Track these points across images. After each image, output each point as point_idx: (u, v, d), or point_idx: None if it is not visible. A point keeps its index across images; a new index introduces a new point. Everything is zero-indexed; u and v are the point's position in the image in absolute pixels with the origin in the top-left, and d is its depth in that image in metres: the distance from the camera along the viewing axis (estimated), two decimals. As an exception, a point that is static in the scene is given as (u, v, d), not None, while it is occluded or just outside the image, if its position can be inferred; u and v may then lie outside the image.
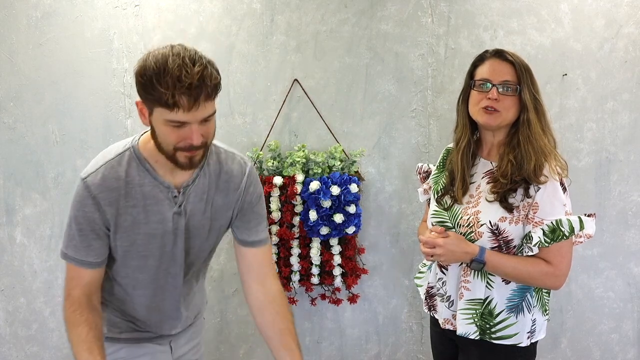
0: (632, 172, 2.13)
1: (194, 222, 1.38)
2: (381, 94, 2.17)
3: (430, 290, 1.66)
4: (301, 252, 2.15)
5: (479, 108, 1.50)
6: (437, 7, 2.12)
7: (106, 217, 1.30)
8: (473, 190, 1.55)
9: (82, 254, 1.32)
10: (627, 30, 2.07)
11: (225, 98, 2.21)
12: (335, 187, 2.05)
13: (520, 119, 1.48)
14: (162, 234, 1.35)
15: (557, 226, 1.43)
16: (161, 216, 1.33)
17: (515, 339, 1.51)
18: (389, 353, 2.32)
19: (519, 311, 1.51)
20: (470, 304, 1.52)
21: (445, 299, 1.59)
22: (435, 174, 1.70)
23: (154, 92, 1.14)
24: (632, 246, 2.16)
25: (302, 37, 2.16)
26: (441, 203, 1.59)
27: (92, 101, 2.23)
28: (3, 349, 2.39)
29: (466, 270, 1.52)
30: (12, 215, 2.32)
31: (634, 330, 2.22)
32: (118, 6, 2.19)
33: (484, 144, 1.58)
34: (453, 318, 1.57)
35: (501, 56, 1.51)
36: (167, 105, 1.14)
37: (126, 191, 1.30)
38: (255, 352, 2.35)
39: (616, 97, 2.11)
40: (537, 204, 1.44)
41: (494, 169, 1.53)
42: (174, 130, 1.19)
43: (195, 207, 1.36)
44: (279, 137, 2.20)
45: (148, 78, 1.14)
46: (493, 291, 1.51)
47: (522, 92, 1.47)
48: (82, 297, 1.33)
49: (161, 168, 1.31)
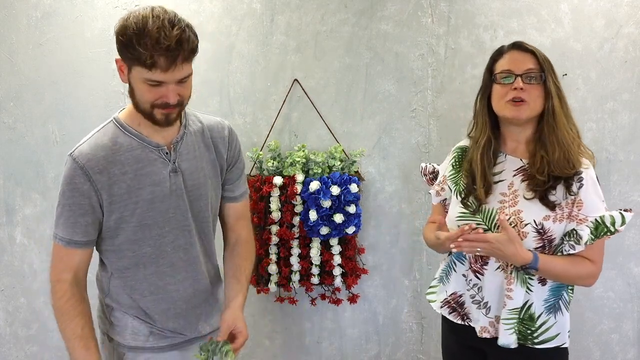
0: (632, 172, 2.13)
1: (193, 181, 1.39)
2: (381, 94, 2.17)
3: (458, 299, 1.56)
4: (301, 252, 2.15)
5: (504, 102, 1.44)
6: (437, 7, 2.12)
7: (97, 188, 1.29)
8: (504, 188, 1.48)
9: (70, 231, 1.32)
10: (627, 30, 2.07)
11: (225, 98, 2.21)
12: (335, 187, 2.05)
13: (545, 108, 1.43)
14: (161, 197, 1.35)
15: (602, 222, 1.39)
16: (156, 177, 1.34)
17: (557, 340, 1.46)
18: (389, 353, 2.32)
19: (556, 310, 1.46)
20: (513, 313, 1.44)
21: (483, 306, 1.50)
22: (452, 175, 1.61)
23: (133, 51, 1.19)
24: (632, 246, 2.16)
25: (302, 37, 2.16)
26: (468, 205, 1.51)
27: (92, 101, 2.23)
28: (3, 349, 2.39)
29: (510, 278, 1.44)
30: (12, 215, 2.32)
31: (634, 330, 2.22)
32: (118, 6, 2.19)
33: (508, 140, 1.51)
34: (490, 326, 1.49)
35: (520, 47, 1.46)
36: (146, 65, 1.19)
37: (115, 158, 1.31)
38: (255, 352, 2.35)
39: (616, 97, 2.11)
40: (582, 201, 1.40)
41: (525, 165, 1.47)
42: (151, 88, 1.24)
43: (191, 166, 1.39)
44: (279, 137, 2.20)
45: (128, 38, 1.19)
46: (532, 295, 1.45)
47: (547, 81, 1.42)
48: (73, 282, 1.34)
49: (145, 130, 1.34)
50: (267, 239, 2.13)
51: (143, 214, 1.34)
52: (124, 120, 1.35)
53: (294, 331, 2.33)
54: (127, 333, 1.42)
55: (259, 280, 2.18)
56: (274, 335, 2.34)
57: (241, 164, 1.54)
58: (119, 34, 1.22)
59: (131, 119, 1.34)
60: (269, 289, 2.17)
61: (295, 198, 2.09)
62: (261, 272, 2.16)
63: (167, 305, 1.44)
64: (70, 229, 1.31)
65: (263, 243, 2.14)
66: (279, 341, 2.34)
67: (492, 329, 1.49)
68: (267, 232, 2.13)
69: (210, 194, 1.44)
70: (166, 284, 1.42)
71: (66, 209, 1.30)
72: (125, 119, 1.35)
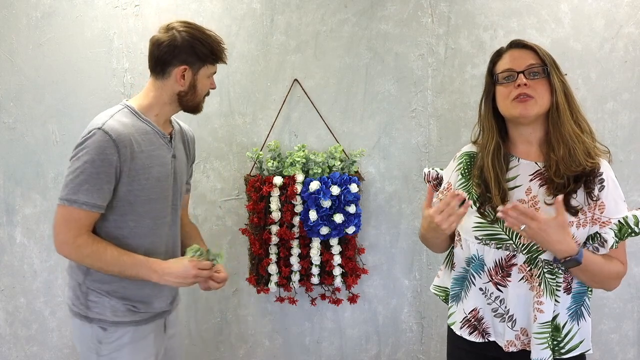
0: (632, 172, 2.13)
1: (181, 166, 1.65)
2: (381, 94, 2.17)
3: (477, 315, 1.46)
4: (301, 252, 2.15)
5: (509, 101, 1.36)
6: (437, 7, 2.12)
7: (122, 160, 1.46)
8: (522, 194, 1.39)
9: (95, 197, 1.45)
10: (627, 30, 2.07)
11: (226, 98, 2.21)
12: (335, 187, 2.05)
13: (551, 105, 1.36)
14: (165, 177, 1.57)
15: (625, 223, 1.35)
16: (163, 159, 1.56)
17: (582, 346, 1.42)
18: (389, 353, 2.32)
19: (578, 317, 1.41)
20: (544, 327, 1.37)
21: (508, 319, 1.41)
22: (462, 183, 1.50)
23: (207, 53, 1.53)
24: (632, 246, 2.16)
25: (302, 37, 2.16)
26: (485, 214, 1.41)
27: (92, 101, 2.23)
28: (3, 349, 2.39)
29: (539, 290, 1.36)
30: (12, 215, 2.32)
31: (634, 330, 2.22)
32: (118, 6, 2.19)
33: (519, 143, 1.43)
34: (516, 339, 1.41)
35: (519, 45, 1.41)
36: (214, 61, 1.57)
37: (135, 137, 1.50)
38: (256, 352, 2.35)
39: (616, 97, 2.11)
40: (604, 203, 1.35)
41: (541, 169, 1.39)
42: (210, 79, 1.59)
43: (179, 156, 1.65)
44: (279, 137, 2.20)
45: (205, 44, 1.52)
46: (559, 306, 1.38)
47: (551, 75, 1.35)
48: (89, 235, 1.48)
49: (153, 120, 1.56)
50: (267, 239, 2.13)
51: (151, 189, 1.53)
52: (137, 109, 1.55)
53: (294, 331, 2.33)
54: (107, 311, 1.53)
55: (259, 280, 2.18)
56: (274, 335, 2.34)
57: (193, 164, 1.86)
58: (191, 45, 1.51)
59: (145, 111, 1.55)
60: (269, 289, 2.17)
61: (295, 198, 2.09)
62: (261, 272, 2.16)
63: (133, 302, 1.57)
64: (95, 194, 1.45)
65: (263, 243, 2.14)
66: (279, 341, 2.34)
67: (519, 342, 1.41)
68: (267, 232, 2.13)
69: (185, 181, 1.73)
70: (151, 255, 1.55)
71: (93, 176, 1.44)
72: (140, 108, 1.55)
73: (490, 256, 1.42)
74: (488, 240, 1.41)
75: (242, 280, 2.28)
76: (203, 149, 2.24)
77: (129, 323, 1.55)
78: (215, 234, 2.27)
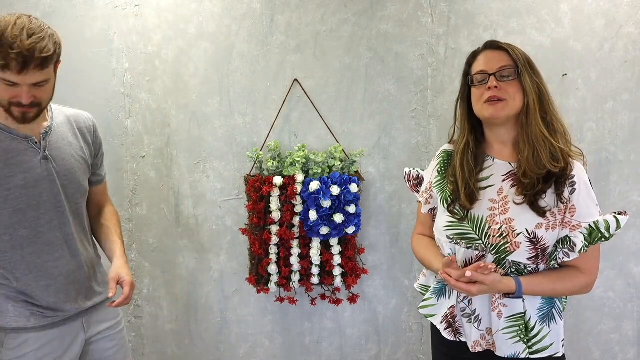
0: (632, 172, 2.13)
1: (65, 166, 1.54)
2: (381, 94, 2.17)
3: (452, 313, 1.50)
4: (301, 252, 2.15)
5: (482, 103, 1.40)
6: (437, 7, 2.12)
7: None
8: (493, 194, 1.42)
9: None
10: (627, 30, 2.07)
11: (226, 98, 2.21)
12: (335, 187, 2.05)
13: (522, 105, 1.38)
14: (33, 183, 1.47)
15: (596, 228, 1.34)
16: (27, 165, 1.46)
17: (552, 349, 1.42)
18: (389, 353, 2.32)
19: (550, 319, 1.42)
20: (512, 321, 1.40)
21: (474, 320, 1.45)
22: (438, 181, 1.55)
23: None
24: (632, 246, 2.16)
25: (302, 37, 2.16)
26: (455, 212, 1.45)
27: (92, 101, 2.23)
28: (3, 349, 2.39)
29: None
30: None
31: (634, 330, 2.22)
32: (118, 6, 2.19)
33: (495, 143, 1.46)
34: (482, 339, 1.45)
35: (492, 46, 1.43)
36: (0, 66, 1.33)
37: None
38: (255, 352, 2.35)
39: (616, 97, 2.11)
40: (575, 207, 1.35)
41: (514, 169, 1.42)
42: (7, 87, 1.37)
43: (61, 153, 1.54)
44: (279, 137, 2.20)
45: None
46: (526, 302, 1.41)
47: (522, 76, 1.37)
48: None
49: (13, 124, 1.46)
50: (267, 239, 2.13)
51: (16, 200, 1.45)
52: None
53: (294, 331, 2.33)
54: (8, 316, 1.49)
55: (259, 280, 2.18)
56: (274, 335, 2.34)
57: (102, 151, 1.75)
58: None
59: None
60: (269, 289, 2.17)
61: (295, 198, 2.09)
62: (261, 272, 2.17)
63: (48, 282, 1.52)
64: None
65: (263, 243, 2.14)
66: (279, 341, 2.34)
67: (484, 342, 1.45)
68: (267, 232, 2.13)
69: (80, 177, 1.60)
70: (45, 262, 1.51)
71: None
72: None
73: (460, 256, 1.44)
74: (459, 239, 1.44)
75: (242, 280, 2.28)
76: (203, 149, 2.24)
77: (32, 329, 1.50)
78: (215, 234, 2.27)
